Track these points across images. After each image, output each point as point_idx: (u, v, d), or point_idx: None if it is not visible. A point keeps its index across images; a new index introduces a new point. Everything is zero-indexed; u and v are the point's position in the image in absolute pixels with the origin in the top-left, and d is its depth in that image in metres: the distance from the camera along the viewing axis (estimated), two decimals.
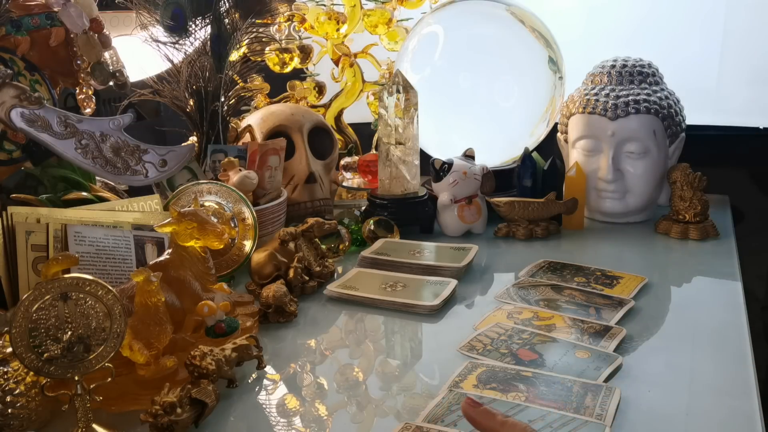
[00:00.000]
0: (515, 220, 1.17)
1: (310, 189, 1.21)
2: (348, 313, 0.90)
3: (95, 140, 0.90)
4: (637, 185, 1.17)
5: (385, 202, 1.18)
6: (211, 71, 1.16)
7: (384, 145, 1.18)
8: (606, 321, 0.82)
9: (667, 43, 1.42)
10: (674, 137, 1.19)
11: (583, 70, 1.27)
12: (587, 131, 1.19)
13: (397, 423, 0.62)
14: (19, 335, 0.57)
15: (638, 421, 0.62)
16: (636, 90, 1.17)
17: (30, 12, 0.99)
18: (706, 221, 1.14)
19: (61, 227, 0.82)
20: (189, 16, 1.14)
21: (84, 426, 0.60)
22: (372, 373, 0.75)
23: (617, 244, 1.13)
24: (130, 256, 0.86)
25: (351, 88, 1.48)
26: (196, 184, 0.99)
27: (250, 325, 0.80)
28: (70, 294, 0.59)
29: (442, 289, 0.91)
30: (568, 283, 0.94)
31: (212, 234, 0.78)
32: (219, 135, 1.18)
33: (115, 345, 0.61)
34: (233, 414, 0.67)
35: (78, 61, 1.04)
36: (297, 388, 0.72)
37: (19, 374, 0.62)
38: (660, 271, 0.98)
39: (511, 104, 1.25)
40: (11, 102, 0.86)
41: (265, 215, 1.04)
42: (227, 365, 0.68)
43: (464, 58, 1.25)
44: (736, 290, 0.91)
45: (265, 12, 1.23)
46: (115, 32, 1.14)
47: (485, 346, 0.76)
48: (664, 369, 0.72)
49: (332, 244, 1.06)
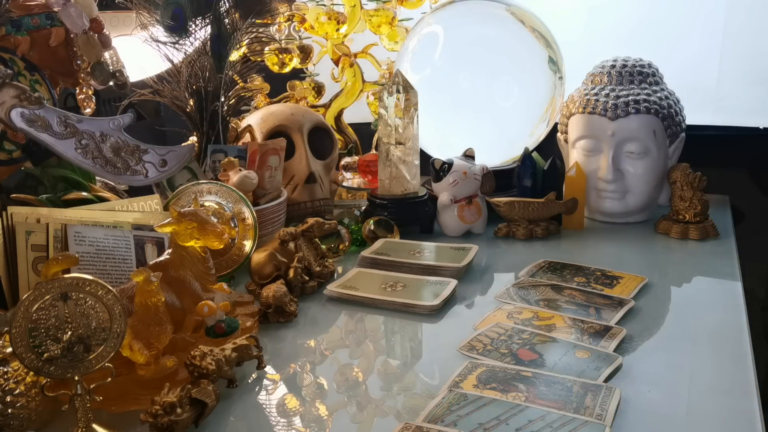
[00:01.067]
0: (515, 220, 1.17)
1: (310, 189, 1.21)
2: (348, 313, 0.90)
3: (95, 140, 0.90)
4: (637, 185, 1.17)
5: (385, 202, 1.17)
6: (211, 71, 1.16)
7: (384, 145, 1.18)
8: (606, 321, 0.82)
9: (667, 43, 1.42)
10: (674, 137, 1.19)
11: (583, 70, 1.27)
12: (587, 131, 1.19)
13: (397, 423, 0.62)
14: (19, 335, 0.57)
15: (638, 421, 0.62)
16: (636, 90, 1.17)
17: (30, 12, 0.99)
18: (706, 221, 1.14)
19: (61, 227, 0.82)
20: (189, 16, 1.14)
21: (84, 426, 0.60)
22: (372, 373, 0.75)
23: (617, 244, 1.13)
24: (130, 256, 0.86)
25: (351, 88, 1.48)
26: (196, 184, 0.99)
27: (250, 325, 0.80)
28: (70, 294, 0.59)
29: (442, 289, 0.91)
30: (568, 283, 0.94)
31: (212, 234, 0.78)
32: (219, 135, 1.18)
33: (115, 345, 0.61)
34: (233, 414, 0.67)
35: (78, 61, 1.04)
36: (297, 388, 0.72)
37: (19, 374, 0.62)
38: (660, 271, 0.98)
39: (511, 104, 1.25)
40: (11, 102, 0.86)
41: (265, 215, 1.04)
42: (227, 365, 0.68)
43: (464, 58, 1.25)
44: (736, 290, 0.91)
45: (265, 12, 1.23)
46: (115, 32, 1.14)
47: (485, 346, 0.76)
48: (664, 369, 0.72)
49: (332, 244, 1.06)
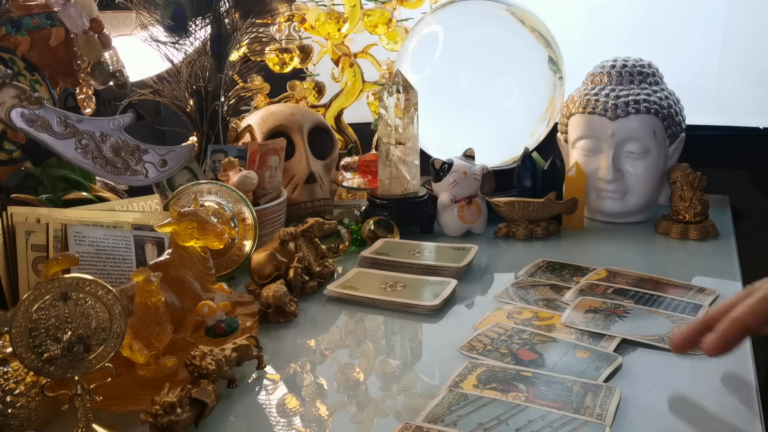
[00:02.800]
0: (515, 220, 1.17)
1: (310, 189, 1.21)
2: (348, 313, 0.90)
3: (95, 140, 0.90)
4: (637, 185, 1.17)
5: (385, 202, 1.17)
6: (211, 71, 1.16)
7: (384, 145, 1.18)
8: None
9: (667, 43, 1.42)
10: (674, 137, 1.19)
11: (583, 70, 1.27)
12: (587, 131, 1.19)
13: (397, 423, 0.62)
14: (19, 335, 0.57)
15: (638, 421, 0.62)
16: (636, 90, 1.17)
17: (30, 12, 0.99)
18: (706, 221, 1.14)
19: (61, 227, 0.82)
20: (189, 16, 1.14)
21: (84, 426, 0.60)
22: (372, 373, 0.75)
23: (617, 244, 1.13)
24: (130, 256, 0.86)
25: (351, 88, 1.48)
26: (196, 184, 0.99)
27: (250, 325, 0.80)
28: (70, 294, 0.59)
29: (442, 289, 0.91)
30: (567, 282, 0.94)
31: (212, 234, 0.78)
32: (219, 135, 1.18)
33: (115, 345, 0.61)
34: (233, 414, 0.67)
35: (78, 61, 1.04)
36: (297, 388, 0.72)
37: (19, 374, 0.62)
38: (660, 271, 0.98)
39: (511, 104, 1.25)
40: (11, 102, 0.86)
41: (265, 215, 1.04)
42: (227, 365, 0.68)
43: (464, 58, 1.25)
44: (736, 290, 0.91)
45: (265, 12, 1.23)
46: (115, 32, 1.14)
47: (485, 346, 0.76)
48: (665, 369, 0.72)
49: (332, 244, 1.06)
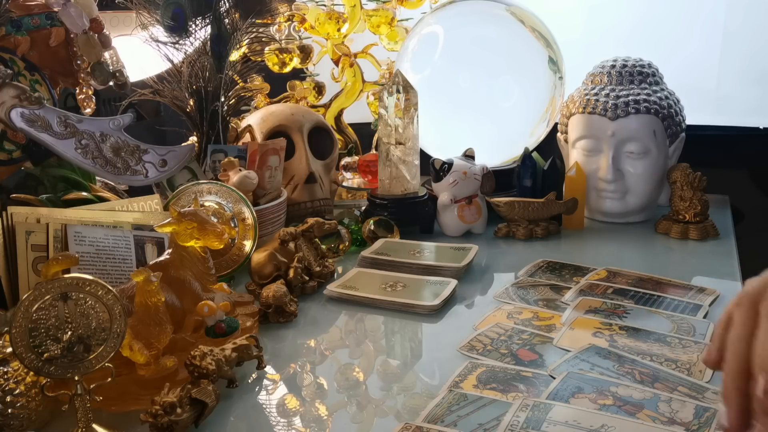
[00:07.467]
0: (515, 220, 1.17)
1: (310, 189, 1.21)
2: (348, 313, 0.90)
3: (95, 140, 0.90)
4: (637, 185, 1.17)
5: (385, 202, 1.17)
6: (211, 71, 1.16)
7: (384, 145, 1.18)
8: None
9: (667, 43, 1.42)
10: (674, 137, 1.19)
11: (583, 70, 1.27)
12: (587, 131, 1.19)
13: (397, 423, 0.62)
14: (19, 335, 0.57)
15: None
16: (636, 90, 1.17)
17: (30, 12, 0.99)
18: (706, 221, 1.14)
19: (61, 227, 0.82)
20: (189, 16, 1.14)
21: (84, 426, 0.60)
22: (372, 373, 0.75)
23: (617, 244, 1.13)
24: (130, 256, 0.86)
25: (351, 88, 1.48)
26: (196, 184, 0.99)
27: (250, 325, 0.80)
28: (70, 294, 0.59)
29: (442, 289, 0.91)
30: (567, 282, 0.94)
31: (212, 234, 0.78)
32: (219, 135, 1.18)
33: (115, 345, 0.61)
34: (233, 414, 0.67)
35: (78, 61, 1.04)
36: (297, 388, 0.72)
37: (19, 374, 0.62)
38: (660, 271, 0.98)
39: (511, 104, 1.25)
40: (11, 102, 0.87)
41: (265, 215, 1.04)
42: (227, 365, 0.68)
43: (464, 58, 1.25)
44: (736, 290, 0.91)
45: (265, 12, 1.23)
46: (115, 32, 1.14)
47: (485, 346, 0.76)
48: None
49: (332, 244, 1.06)
